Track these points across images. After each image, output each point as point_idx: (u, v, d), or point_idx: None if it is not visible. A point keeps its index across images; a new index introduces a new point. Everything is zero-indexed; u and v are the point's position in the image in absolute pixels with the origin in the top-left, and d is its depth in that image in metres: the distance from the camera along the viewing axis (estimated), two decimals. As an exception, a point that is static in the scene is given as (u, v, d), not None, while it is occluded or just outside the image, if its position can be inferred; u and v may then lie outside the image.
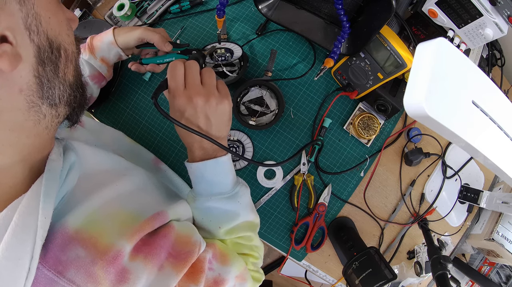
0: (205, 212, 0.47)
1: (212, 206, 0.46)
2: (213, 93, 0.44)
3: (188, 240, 0.41)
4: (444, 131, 0.32)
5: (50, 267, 0.29)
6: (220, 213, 0.46)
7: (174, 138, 0.71)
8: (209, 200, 0.46)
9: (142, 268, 0.34)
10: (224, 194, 0.46)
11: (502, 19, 0.54)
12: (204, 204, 0.46)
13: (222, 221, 0.46)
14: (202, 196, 0.46)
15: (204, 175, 0.45)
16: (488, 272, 0.77)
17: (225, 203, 0.46)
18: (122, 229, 0.35)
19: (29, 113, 0.29)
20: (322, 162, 0.69)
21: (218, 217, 0.46)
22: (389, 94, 0.63)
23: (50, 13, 0.29)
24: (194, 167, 0.46)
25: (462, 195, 0.73)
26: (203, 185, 0.46)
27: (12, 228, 0.27)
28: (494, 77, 0.76)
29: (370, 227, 0.71)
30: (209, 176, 0.45)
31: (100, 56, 0.61)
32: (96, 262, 0.31)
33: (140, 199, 0.42)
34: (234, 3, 0.73)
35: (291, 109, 0.70)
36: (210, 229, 0.47)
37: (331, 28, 0.63)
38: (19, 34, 0.26)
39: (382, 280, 0.55)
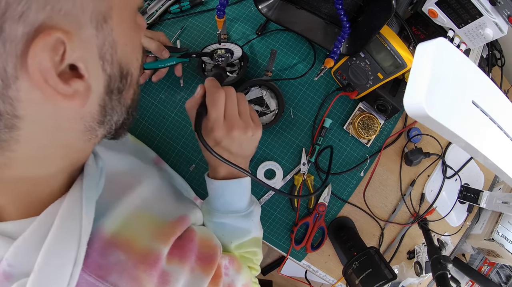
0: (219, 227, 0.48)
1: (227, 222, 0.47)
2: (250, 124, 0.44)
3: (209, 243, 0.42)
4: (444, 131, 0.32)
5: (91, 272, 0.29)
6: (234, 229, 0.48)
7: (174, 139, 0.71)
8: (225, 217, 0.47)
9: (179, 271, 0.35)
10: (240, 212, 0.47)
11: (502, 19, 0.54)
12: (220, 219, 0.47)
13: (234, 236, 0.48)
14: (219, 212, 0.47)
15: (224, 193, 0.47)
16: (488, 272, 0.77)
17: (240, 221, 0.47)
18: (155, 232, 0.35)
19: (84, 135, 0.27)
20: (322, 162, 0.69)
21: (231, 233, 0.48)
22: (389, 94, 0.63)
23: (128, 39, 0.26)
24: (216, 184, 0.46)
25: (462, 195, 0.73)
26: (221, 201, 0.47)
27: (55, 233, 0.26)
28: (494, 77, 0.76)
29: (370, 227, 0.71)
30: (229, 194, 0.47)
31: None
32: (137, 266, 0.31)
33: (161, 202, 0.42)
34: (234, 3, 0.73)
35: (291, 109, 0.70)
36: (222, 242, 0.48)
37: (331, 28, 0.63)
38: (92, 64, 0.23)
39: (382, 280, 0.55)
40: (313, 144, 0.68)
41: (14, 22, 0.18)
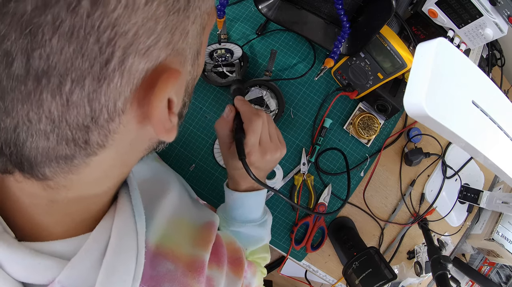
0: (236, 235, 0.49)
1: (244, 231, 0.49)
2: (279, 147, 0.47)
3: (234, 246, 0.44)
4: (444, 131, 0.32)
5: (145, 284, 0.29)
6: (249, 237, 0.50)
7: (175, 139, 0.70)
8: (243, 226, 0.49)
9: (219, 275, 0.36)
10: (256, 221, 0.50)
11: (502, 19, 0.54)
12: (237, 228, 0.49)
13: (249, 243, 0.50)
14: (237, 221, 0.49)
15: (244, 204, 0.48)
16: (488, 272, 0.77)
17: (255, 230, 0.50)
18: (194, 239, 0.36)
19: (143, 153, 0.27)
20: (322, 162, 0.69)
21: (246, 240, 0.50)
22: (389, 94, 0.63)
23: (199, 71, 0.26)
24: (237, 195, 0.48)
25: (462, 195, 0.73)
26: (239, 211, 0.49)
27: (113, 250, 0.26)
28: (494, 77, 0.76)
29: (370, 227, 0.71)
30: (248, 205, 0.49)
31: None
32: (186, 273, 0.32)
33: (188, 207, 0.43)
34: (234, 3, 0.73)
35: (291, 109, 0.70)
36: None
37: (331, 28, 0.63)
38: (180, 97, 0.23)
39: (382, 280, 0.55)
40: (313, 144, 0.68)
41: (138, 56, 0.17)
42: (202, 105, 0.70)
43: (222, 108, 0.70)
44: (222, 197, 0.69)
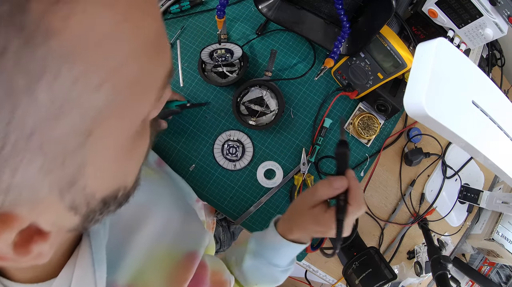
0: (256, 270, 0.49)
1: (266, 271, 0.49)
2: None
3: (221, 278, 0.43)
4: (444, 131, 0.32)
5: None
6: (267, 277, 0.49)
7: (174, 139, 0.71)
8: (267, 266, 0.48)
9: None
10: (281, 267, 0.49)
11: (502, 19, 0.54)
12: (261, 266, 0.48)
13: (262, 281, 0.50)
14: (265, 261, 0.48)
15: (282, 250, 0.48)
16: (488, 272, 0.77)
17: (276, 273, 0.49)
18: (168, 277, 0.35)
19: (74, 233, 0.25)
20: (322, 162, 0.69)
21: (262, 278, 0.49)
22: (389, 94, 0.63)
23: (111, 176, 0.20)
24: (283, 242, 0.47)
25: (462, 195, 0.73)
26: (271, 253, 0.48)
27: None
28: (494, 77, 0.76)
29: (370, 227, 0.71)
30: (284, 253, 0.48)
31: None
32: None
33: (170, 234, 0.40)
34: (234, 3, 0.73)
35: (291, 109, 0.70)
36: (247, 280, 0.50)
37: (331, 28, 0.63)
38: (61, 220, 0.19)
39: (382, 280, 0.55)
40: (313, 144, 0.68)
41: None
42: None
43: (222, 108, 0.70)
44: (222, 197, 0.69)
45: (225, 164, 0.68)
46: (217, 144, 0.69)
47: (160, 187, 0.47)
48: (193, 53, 0.72)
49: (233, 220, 0.69)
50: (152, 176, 0.48)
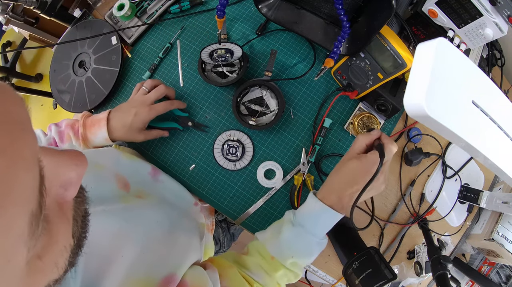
0: (294, 240, 0.51)
1: (304, 242, 0.50)
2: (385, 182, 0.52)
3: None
4: (444, 131, 0.32)
5: None
6: (304, 248, 0.51)
7: (174, 139, 0.71)
8: (305, 235, 0.50)
9: None
10: (318, 238, 0.51)
11: (502, 19, 0.54)
12: (299, 235, 0.50)
13: (298, 254, 0.51)
14: (302, 228, 0.50)
15: (321, 216, 0.50)
16: (488, 272, 0.77)
17: (312, 244, 0.51)
18: None
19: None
20: (322, 162, 0.69)
21: (298, 251, 0.51)
22: (389, 94, 0.63)
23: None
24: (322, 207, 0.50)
25: (462, 195, 0.73)
26: (310, 221, 0.51)
27: None
28: (494, 77, 0.76)
29: (370, 227, 0.71)
30: (324, 221, 0.51)
31: (93, 145, 0.61)
32: None
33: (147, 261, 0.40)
34: (234, 3, 0.73)
35: (291, 109, 0.70)
36: (284, 252, 0.51)
37: (331, 28, 0.63)
38: None
39: (382, 280, 0.55)
40: (313, 144, 0.68)
41: None
42: (202, 105, 0.70)
43: (222, 108, 0.70)
44: (222, 197, 0.69)
45: (225, 164, 0.68)
46: (217, 144, 0.69)
47: (142, 211, 0.46)
48: (193, 53, 0.72)
49: (233, 220, 0.69)
50: (131, 202, 0.48)
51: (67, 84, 0.77)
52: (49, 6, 0.76)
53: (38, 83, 1.94)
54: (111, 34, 0.74)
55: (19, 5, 0.92)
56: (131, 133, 0.60)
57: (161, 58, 0.73)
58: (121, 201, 0.46)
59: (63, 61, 0.78)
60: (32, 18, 1.08)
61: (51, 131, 0.62)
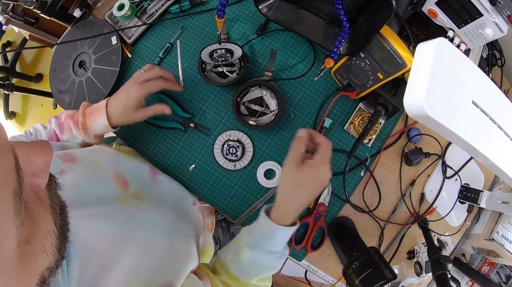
0: (254, 261, 0.50)
1: (266, 261, 0.51)
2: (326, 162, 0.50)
3: None
4: (444, 131, 0.32)
5: None
6: (266, 266, 0.51)
7: (174, 139, 0.71)
8: (265, 255, 0.50)
9: None
10: (278, 254, 0.51)
11: (502, 19, 0.54)
12: (259, 256, 0.50)
13: (262, 271, 0.51)
14: (262, 250, 0.50)
15: (276, 235, 0.50)
16: (488, 272, 0.77)
17: (275, 261, 0.51)
18: None
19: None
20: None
21: (261, 268, 0.51)
22: (389, 94, 0.63)
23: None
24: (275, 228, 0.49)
25: (462, 195, 0.73)
26: (267, 241, 0.50)
27: None
28: (494, 77, 0.76)
29: (370, 227, 0.71)
30: (280, 238, 0.50)
31: (94, 134, 0.60)
32: None
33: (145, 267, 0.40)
34: (234, 3, 0.73)
35: (291, 109, 0.70)
36: (248, 273, 0.51)
37: (331, 28, 0.63)
38: None
39: (382, 280, 0.55)
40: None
41: None
42: (202, 105, 0.70)
43: (222, 108, 0.70)
44: (222, 197, 0.69)
45: (225, 164, 0.68)
46: (217, 144, 0.69)
47: (140, 214, 0.46)
48: (193, 53, 0.72)
49: (233, 220, 0.69)
50: (129, 203, 0.48)
51: (67, 84, 0.77)
52: (49, 6, 0.76)
53: (38, 83, 1.94)
54: (111, 34, 0.74)
55: (19, 5, 0.92)
56: (128, 114, 0.58)
57: (161, 58, 0.73)
58: (119, 201, 0.46)
59: (63, 61, 0.78)
60: (32, 18, 1.07)
61: (51, 124, 0.62)
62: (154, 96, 0.71)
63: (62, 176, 0.42)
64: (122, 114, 0.58)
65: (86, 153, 0.51)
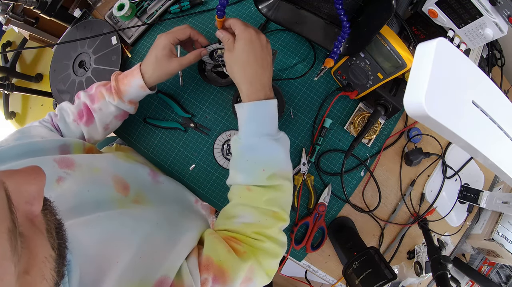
0: (252, 152, 0.49)
1: (260, 146, 0.49)
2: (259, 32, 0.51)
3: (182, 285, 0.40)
4: (444, 131, 0.32)
5: None
6: (266, 155, 0.49)
7: (174, 139, 0.71)
8: (257, 140, 0.49)
9: None
10: (272, 136, 0.49)
11: (502, 19, 0.54)
12: (253, 142, 0.49)
13: (266, 163, 0.49)
14: (251, 136, 0.49)
15: (257, 114, 0.49)
16: (488, 272, 0.77)
17: (271, 145, 0.49)
18: None
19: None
20: (322, 162, 0.69)
21: (263, 159, 0.49)
22: (389, 94, 0.63)
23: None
24: (248, 105, 0.49)
25: (462, 195, 0.73)
26: (253, 124, 0.49)
27: None
28: (494, 77, 0.76)
29: (370, 227, 0.71)
30: (261, 116, 0.49)
31: (129, 99, 0.59)
32: None
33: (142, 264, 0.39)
34: (234, 3, 0.73)
35: (291, 109, 0.70)
36: (254, 171, 0.49)
37: (331, 28, 0.63)
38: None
39: (382, 280, 0.55)
40: (313, 144, 0.68)
41: None
42: (202, 105, 0.70)
43: (222, 108, 0.70)
44: (222, 197, 0.69)
45: (225, 164, 0.68)
46: (217, 144, 0.69)
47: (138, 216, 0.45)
48: (193, 53, 0.72)
49: (233, 220, 0.69)
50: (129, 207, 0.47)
51: (67, 84, 0.77)
52: (49, 6, 0.76)
53: (38, 83, 1.94)
54: (111, 34, 0.74)
55: (19, 5, 0.92)
56: (162, 65, 0.56)
57: (161, 58, 0.73)
58: (118, 206, 0.46)
59: (63, 61, 0.78)
60: (32, 18, 1.07)
61: (79, 98, 0.60)
62: (154, 96, 0.71)
63: (60, 183, 0.42)
64: (156, 68, 0.56)
65: (85, 158, 0.50)
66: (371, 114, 0.63)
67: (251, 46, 0.49)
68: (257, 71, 0.50)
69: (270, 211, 0.48)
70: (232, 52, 0.50)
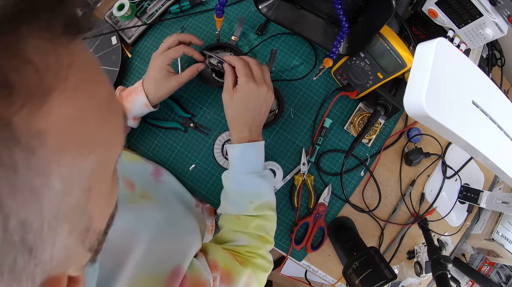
0: (240, 188, 0.54)
1: (247, 182, 0.54)
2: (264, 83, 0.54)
3: (199, 281, 0.43)
4: (444, 131, 0.32)
5: None
6: (253, 190, 0.54)
7: (174, 139, 0.71)
8: (245, 177, 0.54)
9: None
10: (259, 173, 0.54)
11: (502, 19, 0.54)
12: (240, 179, 0.54)
13: (253, 197, 0.54)
14: (238, 172, 0.54)
15: (245, 155, 0.54)
16: (488, 272, 0.77)
17: (258, 181, 0.54)
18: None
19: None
20: (322, 162, 0.69)
21: (250, 193, 0.54)
22: (389, 94, 0.63)
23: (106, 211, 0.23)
24: (238, 147, 0.54)
25: (462, 195, 0.73)
26: (242, 164, 0.54)
27: None
28: (494, 77, 0.76)
29: (370, 227, 0.71)
30: (249, 156, 0.54)
31: (132, 116, 0.61)
32: None
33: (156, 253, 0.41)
34: (234, 3, 0.73)
35: (291, 109, 0.70)
36: (242, 204, 0.53)
37: (331, 28, 0.63)
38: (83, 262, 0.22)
39: (382, 280, 0.55)
40: (313, 144, 0.68)
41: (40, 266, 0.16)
42: (202, 105, 0.70)
43: (222, 108, 0.70)
44: (222, 197, 0.69)
45: (225, 164, 0.68)
46: (217, 144, 0.69)
47: (147, 210, 0.47)
48: (193, 53, 0.72)
49: (233, 220, 0.69)
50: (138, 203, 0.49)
51: (67, 84, 0.77)
52: (49, 6, 0.76)
53: (38, 83, 1.94)
54: (111, 34, 0.74)
55: (19, 5, 0.92)
56: (161, 85, 0.58)
57: (161, 58, 0.73)
58: (128, 201, 0.47)
59: (63, 61, 0.78)
60: (32, 18, 1.07)
61: None
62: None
63: None
64: (156, 89, 0.58)
65: None
66: (371, 114, 0.63)
67: (249, 99, 0.53)
68: (248, 120, 0.54)
69: (258, 235, 0.54)
70: (230, 96, 0.54)
